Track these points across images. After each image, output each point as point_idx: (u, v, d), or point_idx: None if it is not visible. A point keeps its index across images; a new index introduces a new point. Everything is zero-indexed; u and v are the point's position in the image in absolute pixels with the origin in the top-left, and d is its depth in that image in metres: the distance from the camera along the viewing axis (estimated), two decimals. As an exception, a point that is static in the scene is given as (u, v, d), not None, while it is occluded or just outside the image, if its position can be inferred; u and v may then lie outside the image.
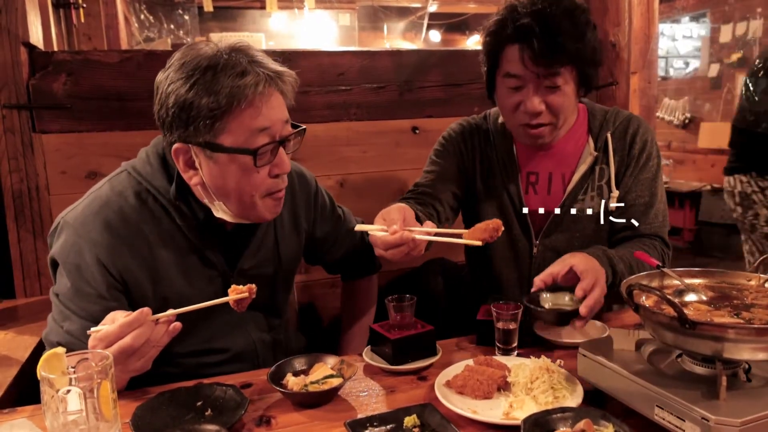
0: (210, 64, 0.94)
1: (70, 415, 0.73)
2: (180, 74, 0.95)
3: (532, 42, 1.17)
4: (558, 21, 1.18)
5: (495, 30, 1.25)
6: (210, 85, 0.93)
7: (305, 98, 1.79)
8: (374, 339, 1.12)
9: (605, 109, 1.40)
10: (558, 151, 1.36)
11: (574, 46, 1.19)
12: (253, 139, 0.96)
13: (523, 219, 1.38)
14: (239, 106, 0.93)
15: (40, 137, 1.58)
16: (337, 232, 1.34)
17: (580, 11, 1.22)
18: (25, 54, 1.55)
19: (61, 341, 0.97)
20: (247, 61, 0.95)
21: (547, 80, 1.22)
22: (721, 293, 0.92)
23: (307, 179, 1.29)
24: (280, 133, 1.00)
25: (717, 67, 5.25)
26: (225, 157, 0.97)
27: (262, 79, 0.95)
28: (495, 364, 0.99)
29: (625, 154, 1.35)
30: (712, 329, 0.76)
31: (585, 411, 0.81)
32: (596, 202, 1.34)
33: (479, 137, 1.44)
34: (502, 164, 1.40)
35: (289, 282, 1.29)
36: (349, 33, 5.65)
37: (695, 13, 5.58)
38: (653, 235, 1.34)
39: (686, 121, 5.56)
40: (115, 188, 1.05)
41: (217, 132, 0.95)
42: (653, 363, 0.87)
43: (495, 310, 1.07)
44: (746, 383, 0.81)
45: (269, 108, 0.97)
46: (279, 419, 0.90)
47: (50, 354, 0.76)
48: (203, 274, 1.09)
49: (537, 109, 1.23)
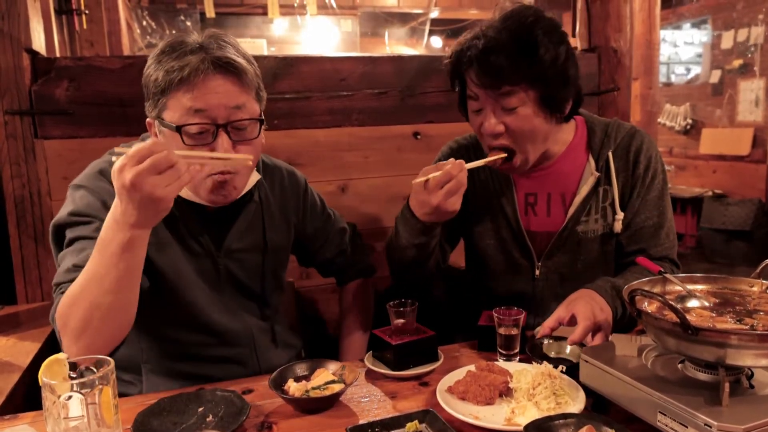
0: (165, 47, 1.02)
1: (72, 421, 0.73)
2: (150, 58, 1.05)
3: (474, 62, 1.14)
4: (500, 39, 1.12)
5: (455, 52, 1.21)
6: (162, 64, 1.00)
7: (307, 104, 1.79)
8: (376, 344, 1.11)
9: (605, 123, 1.33)
10: (556, 171, 1.31)
11: (519, 65, 1.11)
12: (186, 118, 1.00)
13: (521, 241, 1.33)
14: (174, 84, 0.99)
15: (42, 143, 1.58)
16: (327, 231, 1.38)
17: (539, 27, 1.14)
18: (28, 60, 1.56)
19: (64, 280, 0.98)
20: (199, 46, 1.01)
21: (500, 101, 1.16)
22: (724, 299, 0.92)
23: (297, 177, 1.34)
24: (224, 118, 1.01)
25: (718, 74, 5.26)
26: (168, 132, 1.02)
27: (206, 61, 0.99)
28: (497, 369, 0.99)
29: (629, 174, 1.29)
30: (715, 335, 0.75)
31: (587, 417, 0.80)
32: (600, 224, 1.30)
33: (472, 157, 1.35)
34: (498, 185, 1.35)
35: (279, 276, 1.30)
36: (350, 39, 5.67)
37: (697, 19, 5.60)
38: (663, 257, 1.29)
39: (688, 127, 5.57)
40: (109, 158, 1.11)
41: (162, 108, 1.02)
42: (656, 369, 0.87)
43: (497, 316, 1.07)
44: (749, 389, 0.81)
45: (207, 91, 1.00)
46: (280, 425, 0.90)
47: (52, 360, 0.76)
48: (192, 249, 1.13)
49: (493, 130, 1.18)
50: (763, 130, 4.77)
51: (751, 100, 4.91)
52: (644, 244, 1.30)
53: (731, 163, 4.99)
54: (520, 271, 1.36)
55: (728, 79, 5.15)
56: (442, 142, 2.03)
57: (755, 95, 4.87)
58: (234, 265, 1.18)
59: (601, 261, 1.32)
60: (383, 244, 1.91)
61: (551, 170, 1.31)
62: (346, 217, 1.54)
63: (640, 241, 1.30)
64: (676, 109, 5.70)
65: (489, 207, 1.37)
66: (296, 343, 1.34)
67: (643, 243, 1.30)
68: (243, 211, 1.18)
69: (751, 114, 4.92)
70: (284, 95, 1.76)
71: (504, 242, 1.35)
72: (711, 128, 5.32)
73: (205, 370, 1.14)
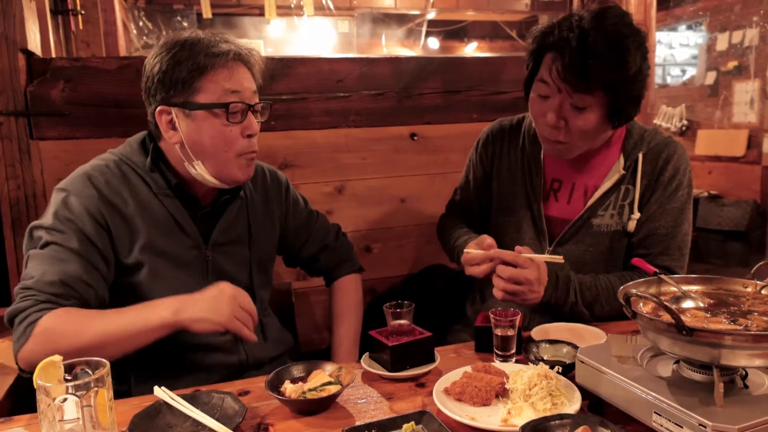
0: (189, 40, 1.10)
1: (67, 424, 0.73)
2: (163, 50, 1.10)
3: (564, 55, 1.15)
4: (597, 43, 1.13)
5: (541, 34, 1.23)
6: (189, 54, 1.08)
7: (304, 105, 1.79)
8: (372, 346, 1.11)
9: (644, 129, 1.36)
10: (587, 163, 1.34)
11: (607, 73, 1.13)
12: (225, 97, 1.10)
13: (539, 224, 1.37)
14: (214, 68, 1.08)
15: (38, 144, 1.58)
16: (310, 227, 1.43)
17: (632, 40, 1.15)
18: (23, 60, 1.55)
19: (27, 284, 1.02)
20: (221, 39, 1.12)
21: (572, 98, 1.18)
22: (719, 300, 0.93)
23: (278, 175, 1.39)
24: (250, 100, 1.13)
25: (714, 75, 5.28)
26: (201, 114, 1.09)
27: (233, 50, 1.11)
28: (493, 370, 0.99)
29: (653, 179, 1.30)
30: (709, 336, 0.76)
31: (583, 418, 0.80)
32: (615, 220, 1.31)
33: (507, 138, 1.45)
34: (527, 166, 1.39)
35: (267, 271, 1.34)
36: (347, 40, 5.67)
37: (692, 21, 5.62)
38: (665, 267, 1.26)
39: (683, 128, 5.59)
40: (97, 162, 1.16)
41: (194, 92, 1.09)
42: (651, 370, 0.87)
43: (493, 317, 1.07)
44: (743, 390, 0.81)
45: (240, 75, 1.12)
46: (277, 426, 0.90)
47: (47, 362, 0.75)
48: (179, 240, 1.17)
49: (556, 124, 1.21)
50: (758, 132, 4.79)
51: (746, 101, 4.93)
52: (651, 250, 1.30)
53: (726, 164, 5.01)
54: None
55: (723, 80, 5.17)
56: (440, 143, 2.03)
57: (750, 96, 4.89)
58: (221, 257, 1.21)
59: (608, 257, 1.34)
60: (380, 245, 1.92)
61: (582, 162, 1.34)
62: (344, 218, 1.54)
63: (647, 246, 1.30)
64: (672, 111, 5.72)
65: (514, 185, 1.41)
66: (287, 339, 1.35)
67: (650, 249, 1.30)
68: (229, 206, 1.23)
69: (746, 115, 4.94)
70: (281, 96, 1.76)
71: (521, 221, 1.38)
72: (707, 129, 5.34)
73: (192, 359, 1.16)
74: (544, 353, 1.09)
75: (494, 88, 1.97)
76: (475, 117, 1.95)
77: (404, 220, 1.94)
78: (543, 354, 1.09)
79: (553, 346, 1.10)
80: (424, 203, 1.94)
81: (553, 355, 1.08)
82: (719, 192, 5.02)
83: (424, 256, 1.93)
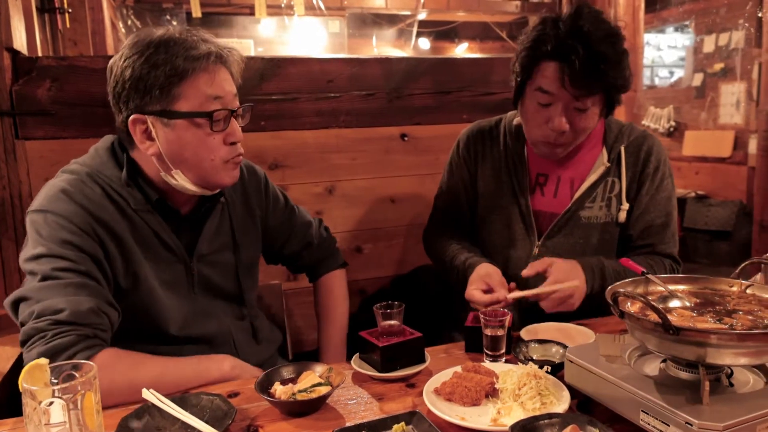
0: (163, 39, 1.00)
1: (53, 428, 0.72)
2: (133, 51, 1.00)
3: (574, 64, 1.15)
4: (601, 46, 1.16)
5: (534, 43, 1.22)
6: (165, 57, 0.98)
7: (294, 105, 1.79)
8: (362, 346, 1.11)
9: (621, 123, 1.41)
10: (571, 157, 1.37)
11: (612, 73, 1.17)
12: (207, 105, 1.02)
13: (526, 218, 1.38)
14: (195, 72, 1.00)
15: (24, 144, 1.56)
16: (291, 224, 1.37)
17: (618, 37, 1.21)
18: (9, 59, 1.53)
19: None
20: (199, 38, 1.03)
21: (577, 102, 1.21)
22: (705, 299, 0.94)
23: (256, 170, 1.33)
24: (232, 104, 1.06)
25: (701, 77, 5.34)
26: (182, 123, 1.01)
27: (213, 52, 1.02)
28: (483, 370, 0.99)
29: (638, 171, 1.35)
30: (695, 335, 0.77)
31: (572, 416, 0.81)
32: (604, 212, 1.35)
33: (488, 138, 1.46)
34: (512, 164, 1.41)
35: (253, 272, 1.30)
36: (338, 40, 5.66)
37: (679, 23, 5.68)
38: (668, 254, 1.37)
39: (671, 129, 5.65)
40: (70, 178, 1.05)
41: (173, 99, 1.00)
42: (638, 368, 0.88)
43: (483, 317, 1.07)
44: (729, 388, 0.82)
45: (221, 79, 1.04)
46: (267, 428, 0.90)
47: (32, 365, 0.74)
48: (164, 257, 1.11)
49: (563, 128, 1.23)
50: (744, 133, 4.85)
51: (733, 103, 5.00)
52: (653, 239, 1.37)
53: (713, 164, 5.07)
54: (519, 248, 1.40)
55: (710, 82, 5.23)
56: (430, 143, 2.03)
57: (736, 98, 4.96)
58: (208, 269, 1.17)
59: (599, 248, 1.36)
60: (370, 245, 1.92)
61: (566, 156, 1.37)
62: (334, 219, 1.54)
63: (649, 237, 1.37)
64: (659, 112, 5.78)
65: (500, 182, 1.42)
66: (277, 337, 1.35)
67: (652, 239, 1.37)
68: (212, 212, 1.17)
69: (732, 117, 5.01)
70: (271, 96, 1.75)
71: (509, 217, 1.40)
72: (694, 130, 5.40)
73: None
74: (533, 353, 1.09)
75: (484, 88, 1.98)
76: (466, 118, 1.96)
77: (394, 220, 1.94)
78: (532, 354, 1.09)
79: (543, 345, 1.11)
80: (414, 204, 1.95)
81: (542, 355, 1.09)
82: (706, 192, 5.08)
83: (414, 257, 1.93)
